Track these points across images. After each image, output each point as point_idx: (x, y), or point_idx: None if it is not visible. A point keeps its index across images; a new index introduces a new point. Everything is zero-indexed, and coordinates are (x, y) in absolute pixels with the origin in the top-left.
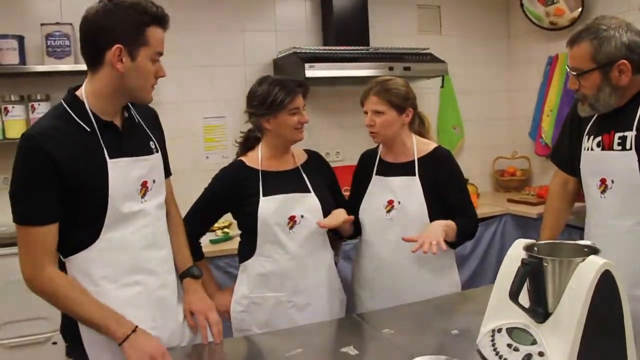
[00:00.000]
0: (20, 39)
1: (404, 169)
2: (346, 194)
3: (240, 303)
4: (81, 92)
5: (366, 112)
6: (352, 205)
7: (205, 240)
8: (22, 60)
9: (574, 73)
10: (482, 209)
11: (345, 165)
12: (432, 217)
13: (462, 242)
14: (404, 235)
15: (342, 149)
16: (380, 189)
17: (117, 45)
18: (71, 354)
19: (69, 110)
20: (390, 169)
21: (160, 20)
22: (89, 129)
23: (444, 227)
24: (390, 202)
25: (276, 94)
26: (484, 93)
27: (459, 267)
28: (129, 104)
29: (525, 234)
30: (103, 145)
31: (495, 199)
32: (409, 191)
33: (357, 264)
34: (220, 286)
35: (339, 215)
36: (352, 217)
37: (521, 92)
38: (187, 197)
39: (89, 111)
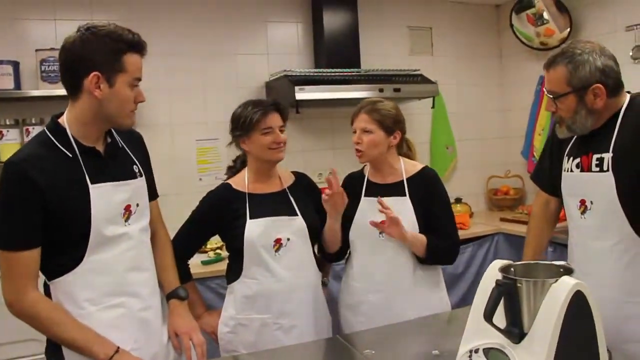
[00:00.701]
0: (16, 65)
1: (394, 190)
2: None
3: (227, 324)
4: (63, 119)
5: (355, 131)
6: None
7: (197, 261)
8: (17, 85)
9: (551, 96)
10: (475, 228)
11: None
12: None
13: (435, 263)
14: (397, 255)
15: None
16: (370, 209)
17: (94, 73)
18: None
19: (51, 137)
20: (380, 190)
21: (137, 46)
22: (70, 155)
23: (411, 234)
24: (383, 223)
25: (247, 113)
26: (476, 113)
27: (451, 286)
28: (112, 129)
29: (518, 252)
30: (85, 170)
31: (489, 218)
32: (400, 211)
33: (346, 286)
34: (213, 307)
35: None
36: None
37: (513, 111)
38: (181, 218)
39: (71, 137)
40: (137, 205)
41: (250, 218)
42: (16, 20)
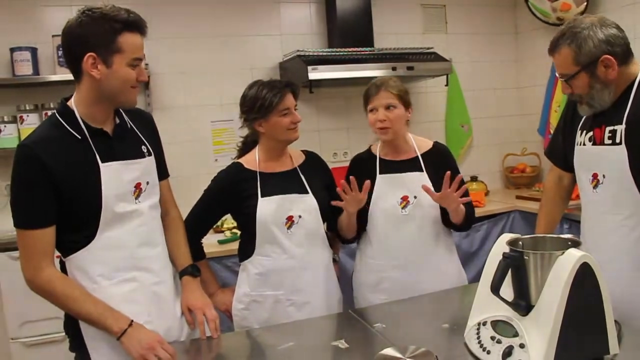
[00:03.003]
0: (34, 51)
1: (410, 166)
2: None
3: (241, 301)
4: (72, 102)
5: (372, 110)
6: None
7: (213, 241)
8: (36, 71)
9: (563, 79)
10: (490, 206)
11: None
12: (442, 210)
13: (465, 229)
14: (420, 229)
15: (350, 149)
16: (389, 186)
17: (89, 54)
18: (74, 348)
19: (61, 119)
20: (395, 167)
21: (133, 26)
22: (80, 137)
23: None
24: (405, 198)
25: (264, 96)
26: (492, 90)
27: (466, 263)
28: (120, 110)
29: (534, 230)
30: (95, 150)
31: (505, 195)
32: (419, 186)
33: (364, 265)
34: (229, 285)
35: None
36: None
37: (529, 88)
38: (197, 199)
39: (79, 119)
40: (147, 183)
41: (262, 196)
42: (34, 7)
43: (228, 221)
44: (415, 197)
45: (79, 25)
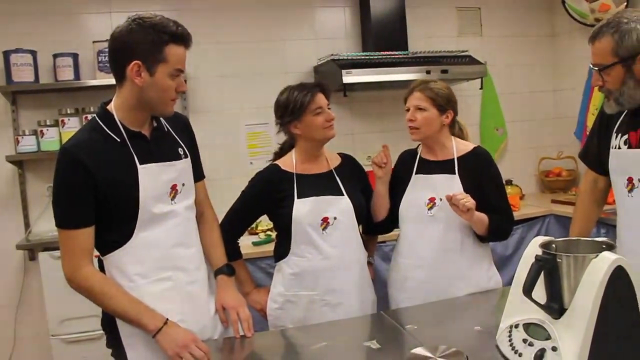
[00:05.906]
0: (75, 56)
1: (444, 167)
2: None
3: (276, 301)
4: (111, 106)
5: (408, 109)
6: (391, 202)
7: (248, 242)
8: (77, 76)
9: (596, 69)
10: (525, 210)
11: None
12: None
13: (493, 240)
14: (445, 232)
15: None
16: (421, 186)
17: (135, 61)
18: (110, 345)
19: (101, 123)
20: (431, 167)
21: (179, 38)
22: (119, 140)
23: (476, 216)
24: (432, 199)
25: (295, 98)
26: (527, 93)
27: (501, 267)
28: None
29: (569, 234)
30: (133, 153)
31: (540, 200)
32: (449, 188)
33: (395, 264)
34: (262, 286)
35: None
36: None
37: (566, 91)
38: (232, 202)
39: (118, 123)
40: (183, 184)
41: (298, 197)
42: (75, 15)
43: (262, 223)
44: (441, 200)
45: (129, 32)
